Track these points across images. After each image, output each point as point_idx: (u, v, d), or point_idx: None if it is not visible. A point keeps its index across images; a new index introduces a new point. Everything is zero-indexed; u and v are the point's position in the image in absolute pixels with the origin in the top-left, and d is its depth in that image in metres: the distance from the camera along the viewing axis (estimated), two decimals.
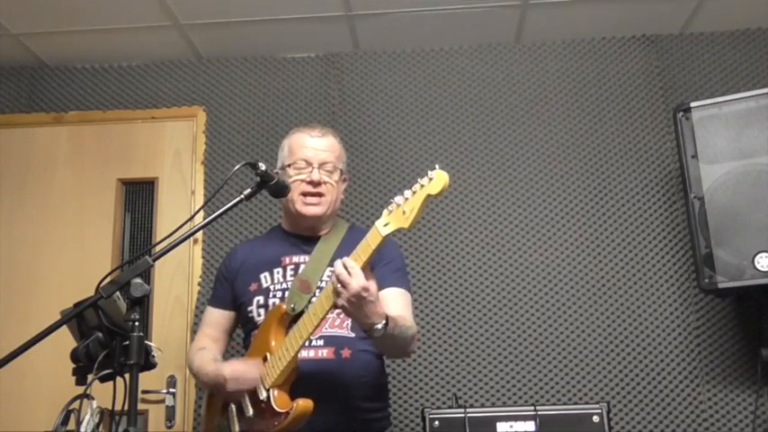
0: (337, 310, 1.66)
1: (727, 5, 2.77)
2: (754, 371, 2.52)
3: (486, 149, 2.89)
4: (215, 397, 1.90)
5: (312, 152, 1.94)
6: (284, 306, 1.78)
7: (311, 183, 1.91)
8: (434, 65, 3.01)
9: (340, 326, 1.83)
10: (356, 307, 1.55)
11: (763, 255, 2.22)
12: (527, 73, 2.98)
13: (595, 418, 2.19)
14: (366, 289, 1.53)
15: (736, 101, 2.37)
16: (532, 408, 2.21)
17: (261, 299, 1.90)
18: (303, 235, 1.99)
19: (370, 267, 1.81)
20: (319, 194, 1.92)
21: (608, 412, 2.20)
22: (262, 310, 1.89)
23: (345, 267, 1.54)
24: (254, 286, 1.92)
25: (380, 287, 1.84)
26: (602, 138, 2.87)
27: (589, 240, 2.76)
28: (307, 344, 1.72)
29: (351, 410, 1.79)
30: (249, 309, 1.91)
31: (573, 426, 2.18)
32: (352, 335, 1.83)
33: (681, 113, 2.45)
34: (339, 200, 2.02)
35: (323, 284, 1.81)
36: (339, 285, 1.54)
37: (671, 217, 2.76)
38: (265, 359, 1.73)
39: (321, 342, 1.80)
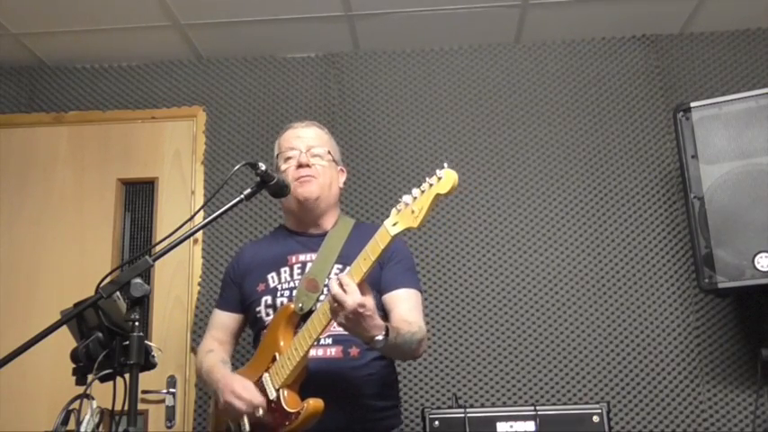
0: None
1: (727, 5, 2.77)
2: (754, 371, 2.52)
3: (486, 149, 2.89)
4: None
5: (297, 140, 1.97)
6: (292, 306, 1.78)
7: (300, 166, 1.92)
8: (434, 65, 3.01)
9: None
10: (354, 323, 1.56)
11: (763, 255, 2.22)
12: (527, 73, 2.98)
13: (595, 418, 2.19)
14: (362, 305, 1.53)
15: (736, 101, 2.37)
16: (532, 408, 2.21)
17: (269, 299, 1.90)
18: (309, 233, 1.99)
19: (378, 267, 1.82)
20: (310, 175, 1.92)
21: (608, 412, 2.20)
22: (270, 310, 1.89)
23: (341, 285, 1.54)
24: (261, 286, 1.93)
25: (391, 288, 1.87)
26: (602, 138, 2.87)
27: (589, 240, 2.76)
28: (315, 342, 1.73)
29: (360, 409, 1.79)
30: (257, 309, 1.91)
31: (573, 426, 2.18)
32: None
33: (681, 113, 2.45)
34: (336, 187, 2.02)
35: (330, 282, 1.80)
36: (336, 304, 1.54)
37: (671, 217, 2.76)
38: (274, 359, 1.74)
39: (329, 341, 1.80)
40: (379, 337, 1.59)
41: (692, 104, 2.43)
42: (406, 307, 1.84)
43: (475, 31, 2.92)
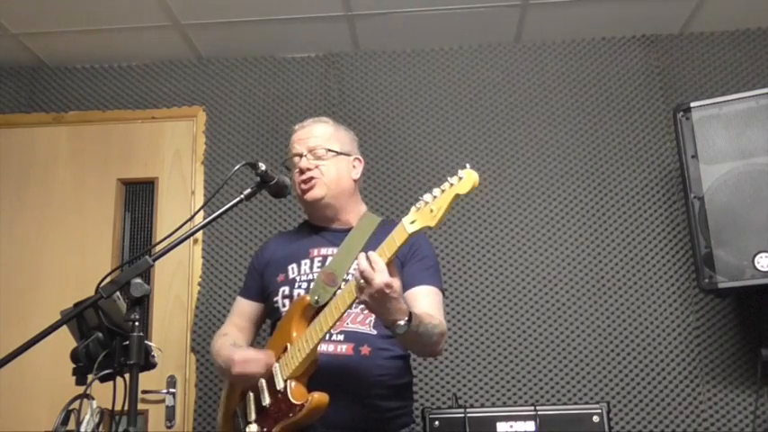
0: (361, 306, 1.67)
1: (727, 5, 2.77)
2: (754, 371, 2.52)
3: (486, 149, 2.89)
4: (234, 386, 1.91)
5: (300, 143, 1.98)
6: (308, 297, 1.78)
7: (300, 171, 1.94)
8: (434, 65, 3.01)
9: (362, 322, 1.81)
10: (379, 303, 1.53)
11: (763, 255, 2.22)
12: (527, 73, 2.98)
13: (595, 418, 2.19)
14: (389, 285, 1.50)
15: (736, 101, 2.38)
16: (532, 408, 2.21)
17: (286, 289, 1.90)
18: (332, 228, 1.99)
19: (399, 264, 1.81)
20: (311, 178, 1.93)
21: (608, 412, 2.20)
22: (287, 301, 1.89)
23: (370, 262, 1.52)
24: (281, 277, 1.93)
25: (412, 284, 1.84)
26: (602, 138, 2.87)
27: (589, 240, 2.76)
28: (327, 337, 1.72)
29: (366, 407, 1.78)
30: (275, 299, 1.92)
31: (573, 426, 2.18)
32: (374, 332, 1.81)
33: (681, 113, 2.45)
34: (348, 179, 2.00)
35: (348, 278, 1.79)
36: (362, 280, 1.52)
37: (671, 217, 2.76)
38: (285, 349, 1.74)
39: (341, 337, 1.79)
40: (401, 322, 1.56)
41: (692, 104, 2.43)
42: (425, 303, 1.82)
43: (475, 31, 2.92)
